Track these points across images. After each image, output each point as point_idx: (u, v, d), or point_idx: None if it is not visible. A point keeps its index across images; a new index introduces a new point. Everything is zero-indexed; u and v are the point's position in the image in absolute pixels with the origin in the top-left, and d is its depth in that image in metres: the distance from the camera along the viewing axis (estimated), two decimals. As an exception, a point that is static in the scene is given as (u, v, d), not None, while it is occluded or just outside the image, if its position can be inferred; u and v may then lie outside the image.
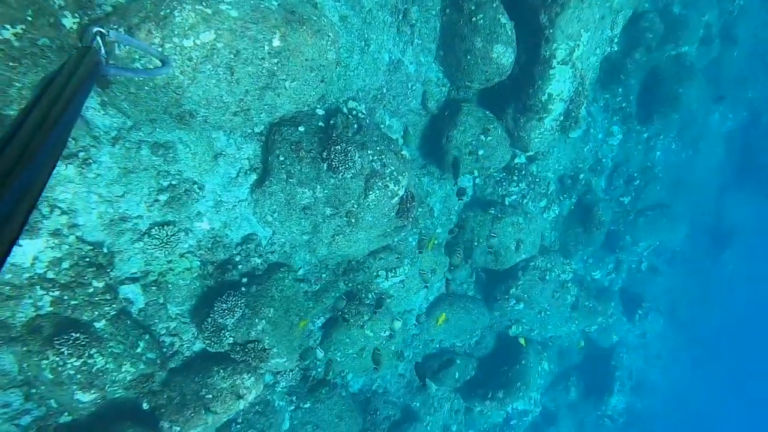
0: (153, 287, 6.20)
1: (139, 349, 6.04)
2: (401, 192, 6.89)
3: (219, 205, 6.56)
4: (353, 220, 6.70)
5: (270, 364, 6.81)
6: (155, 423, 6.40)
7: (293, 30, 5.26)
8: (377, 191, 6.59)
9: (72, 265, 5.41)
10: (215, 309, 6.27)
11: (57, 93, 1.40)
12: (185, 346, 6.84)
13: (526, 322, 11.81)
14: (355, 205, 6.61)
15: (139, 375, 6.03)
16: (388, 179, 6.66)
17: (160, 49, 4.69)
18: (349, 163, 6.23)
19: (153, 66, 4.72)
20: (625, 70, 10.49)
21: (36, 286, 5.26)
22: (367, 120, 7.02)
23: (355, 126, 6.77)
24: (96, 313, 5.59)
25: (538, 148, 8.94)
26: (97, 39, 2.37)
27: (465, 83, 8.00)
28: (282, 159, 6.34)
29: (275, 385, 8.06)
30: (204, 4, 4.80)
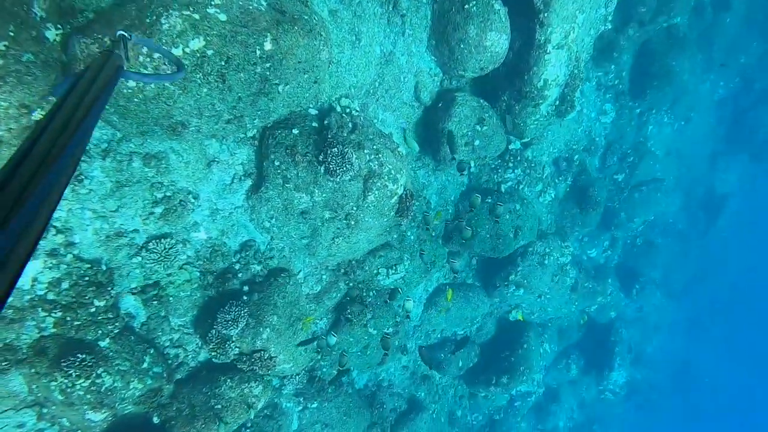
0: (154, 301, 6.20)
1: (145, 365, 6.06)
2: (400, 191, 6.90)
3: (215, 214, 6.52)
4: (353, 222, 6.71)
5: (276, 370, 6.88)
6: (166, 436, 6.48)
7: (285, 32, 5.18)
8: (376, 192, 6.59)
9: (72, 285, 5.38)
10: (218, 320, 6.28)
11: (79, 98, 1.41)
12: (190, 356, 6.88)
13: (526, 306, 12.01)
14: (355, 208, 6.61)
15: (148, 390, 6.06)
16: (386, 179, 6.66)
17: (174, 52, 4.62)
18: (347, 166, 6.21)
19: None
20: (618, 47, 10.49)
21: (38, 308, 5.24)
22: (361, 117, 6.98)
23: (350, 125, 6.73)
24: (100, 332, 5.59)
25: (533, 134, 8.97)
26: (120, 43, 2.33)
27: (458, 72, 7.96)
28: (278, 164, 6.29)
29: (282, 388, 8.16)
30: (191, 8, 4.71)
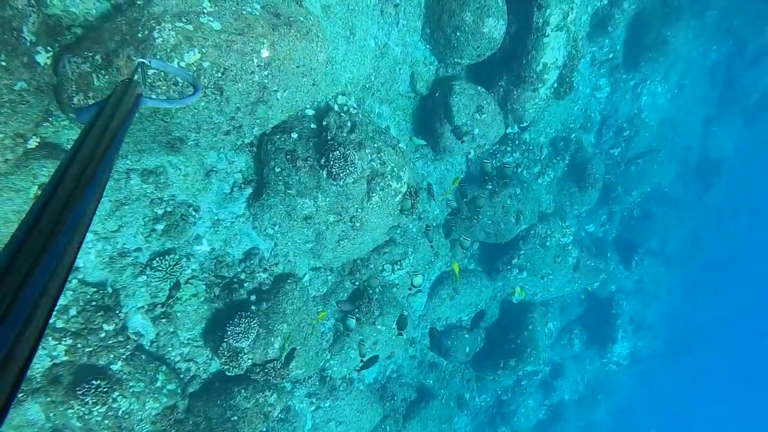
0: (162, 319, 6.17)
1: (159, 383, 6.07)
2: (404, 189, 6.88)
3: (217, 225, 6.46)
4: (358, 224, 6.70)
5: (290, 376, 6.94)
6: (183, 450, 6.54)
7: (281, 36, 5.06)
8: (380, 192, 6.57)
9: (80, 311, 5.33)
10: (228, 333, 6.29)
11: (102, 129, 1.46)
12: (201, 369, 6.90)
13: (529, 288, 12.16)
14: (359, 209, 6.59)
15: (163, 408, 6.09)
16: (389, 177, 6.63)
17: (190, 73, 4.50)
18: (350, 168, 6.16)
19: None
20: (613, 21, 10.41)
21: (47, 336, 5.20)
22: (360, 115, 6.90)
23: (349, 124, 6.66)
24: (112, 356, 5.57)
25: (532, 118, 8.95)
26: (139, 71, 2.30)
27: (454, 60, 7.87)
28: (278, 170, 6.23)
29: (294, 391, 8.24)
30: (184, 19, 4.57)
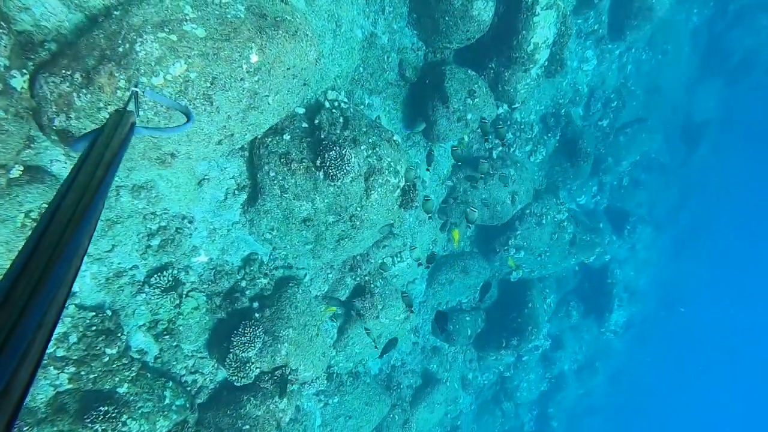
0: (165, 336, 6.07)
1: (167, 400, 6.00)
2: (402, 183, 6.79)
3: (213, 234, 6.32)
4: (358, 223, 6.61)
5: (298, 380, 6.93)
6: (197, 463, 6.53)
7: (270, 39, 4.86)
8: (379, 189, 6.47)
9: (80, 338, 5.20)
10: (234, 344, 6.22)
11: (98, 159, 1.46)
12: (208, 379, 6.84)
13: (526, 266, 12.26)
14: (358, 208, 6.49)
15: (174, 425, 6.04)
16: (387, 173, 6.53)
17: (183, 102, 4.31)
18: (347, 168, 6.04)
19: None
20: (597, -9, 10.28)
21: (48, 367, 5.07)
22: (351, 109, 6.75)
23: (341, 119, 6.50)
24: (117, 379, 5.47)
25: (524, 98, 8.85)
26: (132, 100, 2.28)
27: (443, 45, 7.70)
28: (273, 175, 6.08)
29: (301, 390, 8.24)
30: (166, 29, 4.36)
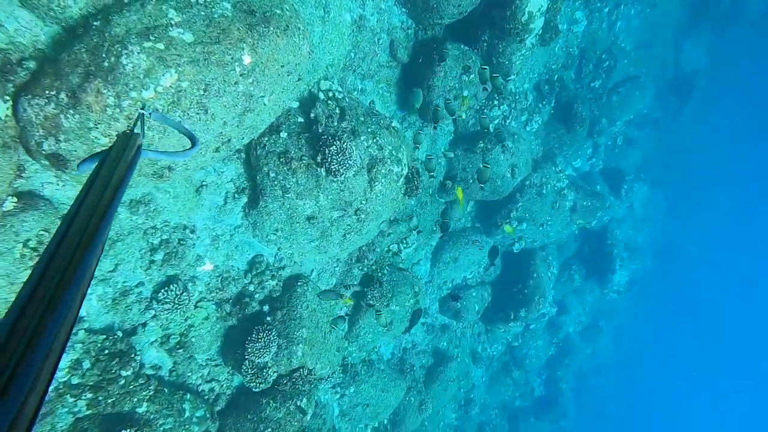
0: (179, 350, 5.99)
1: (187, 413, 5.97)
2: (405, 170, 6.65)
3: (216, 240, 6.18)
4: (363, 216, 6.49)
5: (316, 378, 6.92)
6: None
7: (261, 37, 4.63)
8: (383, 180, 6.33)
9: (94, 363, 5.10)
10: (249, 350, 6.15)
11: (105, 183, 1.45)
12: (224, 385, 6.81)
13: (528, 236, 12.27)
14: (363, 201, 6.36)
15: (197, 437, 6.02)
16: (389, 162, 6.38)
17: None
18: (349, 162, 5.88)
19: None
20: (585, -51, 9.98)
21: (65, 395, 4.98)
22: (347, 99, 6.54)
23: (337, 110, 6.31)
24: (135, 399, 5.40)
25: (519, 69, 8.65)
26: (139, 122, 2.21)
27: (434, 21, 7.44)
28: (273, 175, 5.90)
29: (318, 384, 8.27)
30: (152, 37, 4.13)
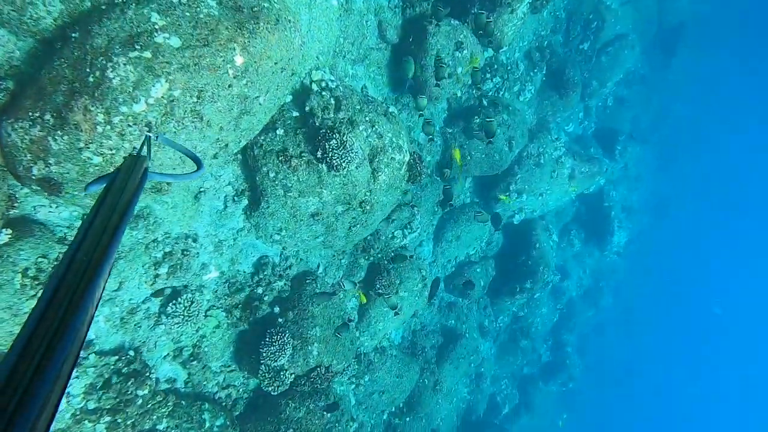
0: (193, 362, 5.88)
1: (207, 424, 5.90)
2: (407, 157, 6.48)
3: (220, 246, 6.01)
4: (368, 207, 6.34)
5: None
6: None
7: (252, 35, 4.38)
8: (386, 169, 6.16)
9: (109, 386, 4.98)
10: (264, 355, 6.06)
11: (112, 205, 1.46)
12: (241, 390, 6.74)
13: (528, 207, 12.21)
14: (367, 193, 6.20)
15: (220, 447, 5.98)
16: (390, 150, 6.20)
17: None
18: (351, 155, 5.70)
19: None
20: None
21: (83, 421, 4.88)
22: (340, 87, 6.30)
23: (332, 101, 6.08)
24: (155, 417, 5.31)
25: (511, 40, 8.42)
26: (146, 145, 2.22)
27: (422, -4, 7.17)
28: (273, 175, 5.71)
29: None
30: (137, 46, 3.89)
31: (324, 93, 6.08)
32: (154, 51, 3.91)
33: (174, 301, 5.47)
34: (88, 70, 3.77)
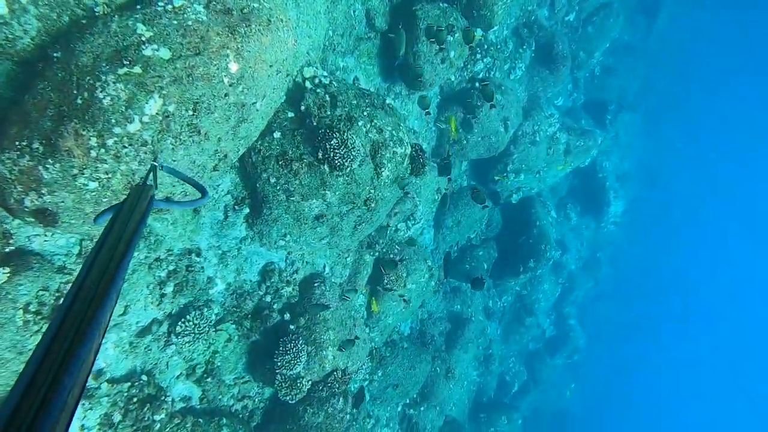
0: (207, 378, 5.74)
1: (228, 439, 5.79)
2: (408, 150, 6.30)
3: (224, 258, 5.83)
4: (373, 204, 6.17)
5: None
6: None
7: (245, 39, 4.15)
8: (388, 164, 5.99)
9: (124, 414, 4.83)
10: (278, 364, 5.93)
11: (119, 235, 1.48)
12: (257, 400, 6.63)
13: (526, 185, 12.11)
14: (372, 190, 6.03)
15: (242, 461, 5.88)
16: (392, 144, 6.02)
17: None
18: (353, 153, 5.51)
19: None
20: None
21: (100, 455, 4.73)
22: (334, 83, 6.08)
23: (327, 98, 5.87)
24: (174, 441, 5.19)
25: (502, 19, 8.20)
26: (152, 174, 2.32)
27: (410, -19, 6.92)
28: (274, 181, 5.51)
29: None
30: (125, 62, 3.64)
31: (318, 90, 5.86)
32: (143, 65, 3.67)
33: (183, 319, 5.30)
34: (75, 91, 3.53)
